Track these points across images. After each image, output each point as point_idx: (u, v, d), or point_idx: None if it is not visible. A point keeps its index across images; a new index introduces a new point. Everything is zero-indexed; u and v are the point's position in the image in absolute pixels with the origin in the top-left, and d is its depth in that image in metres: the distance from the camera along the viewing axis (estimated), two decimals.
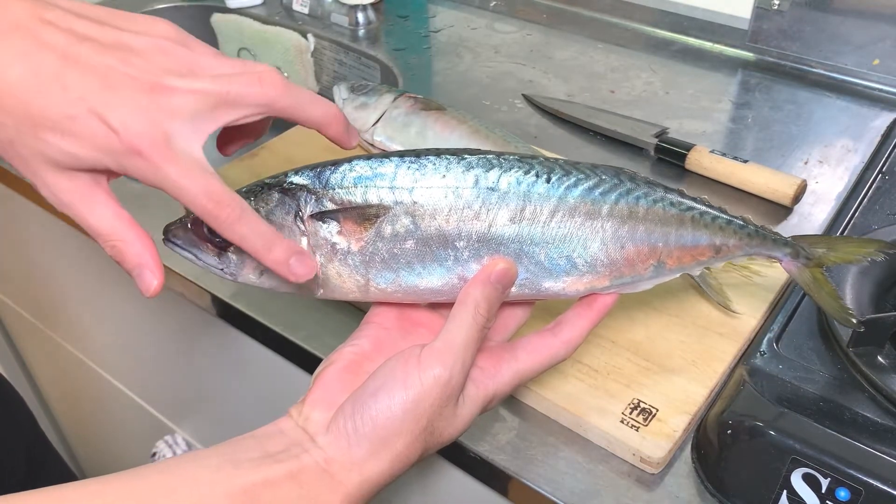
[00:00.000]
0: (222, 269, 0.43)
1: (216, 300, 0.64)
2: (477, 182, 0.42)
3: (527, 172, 0.43)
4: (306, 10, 1.08)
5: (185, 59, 0.38)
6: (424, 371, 0.37)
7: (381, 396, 0.37)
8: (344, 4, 1.03)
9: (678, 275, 0.46)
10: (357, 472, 0.37)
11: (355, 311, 0.60)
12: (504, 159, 0.43)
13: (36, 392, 1.33)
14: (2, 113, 0.35)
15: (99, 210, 0.38)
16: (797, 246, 0.47)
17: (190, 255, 0.43)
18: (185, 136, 0.36)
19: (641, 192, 0.44)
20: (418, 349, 0.38)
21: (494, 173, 0.42)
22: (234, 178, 0.70)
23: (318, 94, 0.41)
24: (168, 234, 0.43)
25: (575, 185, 0.43)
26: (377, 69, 0.98)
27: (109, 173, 0.38)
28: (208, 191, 0.37)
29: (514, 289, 0.43)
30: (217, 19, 1.10)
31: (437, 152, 0.43)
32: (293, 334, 0.59)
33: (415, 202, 0.42)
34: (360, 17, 1.04)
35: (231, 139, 0.44)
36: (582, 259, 0.43)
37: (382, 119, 0.72)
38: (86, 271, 0.90)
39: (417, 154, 0.43)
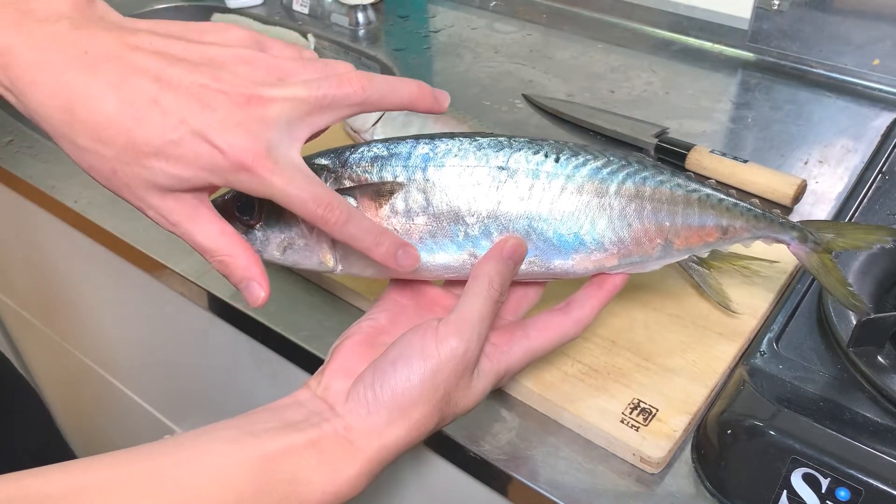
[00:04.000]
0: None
1: (216, 300, 0.64)
2: (487, 161, 0.43)
3: (536, 153, 0.44)
4: (306, 10, 1.08)
5: (270, 65, 0.38)
6: (442, 343, 0.38)
7: (400, 366, 0.38)
8: (344, 4, 1.03)
9: (686, 256, 0.47)
10: (376, 439, 0.38)
11: (356, 311, 0.60)
12: (515, 140, 0.45)
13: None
14: (102, 145, 0.36)
15: (205, 227, 0.39)
16: (805, 230, 0.47)
17: None
18: (284, 144, 0.37)
19: (649, 173, 0.45)
20: (435, 322, 0.39)
21: (505, 153, 0.44)
22: None
23: None
24: None
25: (583, 164, 0.44)
26: (377, 69, 0.98)
27: (213, 188, 0.39)
28: (316, 197, 0.38)
29: (524, 266, 0.44)
30: (217, 19, 1.10)
31: (451, 135, 0.45)
32: (293, 334, 0.59)
33: (427, 179, 0.43)
34: (360, 17, 1.04)
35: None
36: (590, 236, 0.44)
37: (382, 119, 0.72)
38: (86, 272, 0.90)
39: (432, 136, 0.45)
